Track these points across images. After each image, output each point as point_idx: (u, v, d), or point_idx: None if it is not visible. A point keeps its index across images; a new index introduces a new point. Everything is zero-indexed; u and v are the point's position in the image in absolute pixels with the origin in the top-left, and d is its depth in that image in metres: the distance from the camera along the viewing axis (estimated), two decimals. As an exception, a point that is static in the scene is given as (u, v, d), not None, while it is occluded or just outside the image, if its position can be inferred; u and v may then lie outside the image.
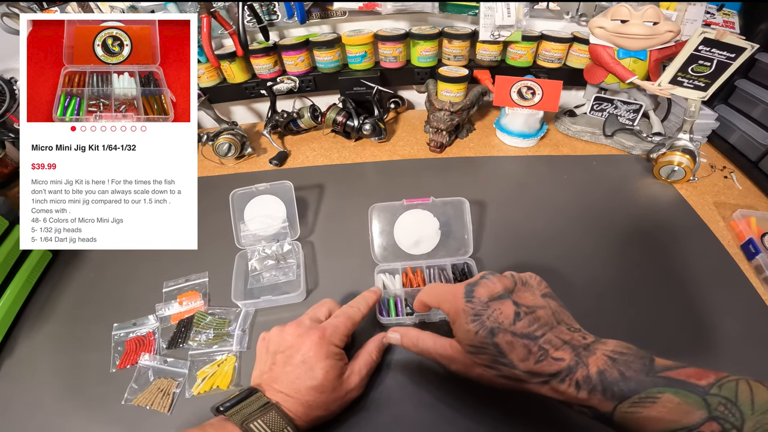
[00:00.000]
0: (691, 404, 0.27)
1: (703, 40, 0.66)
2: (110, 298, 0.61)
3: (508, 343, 0.34)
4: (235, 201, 0.64)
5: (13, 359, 0.54)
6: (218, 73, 0.95)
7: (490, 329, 0.34)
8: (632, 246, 0.64)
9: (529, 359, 0.33)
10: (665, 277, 0.59)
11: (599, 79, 0.83)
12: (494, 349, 0.34)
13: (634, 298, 0.56)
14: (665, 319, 0.53)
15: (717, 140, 0.87)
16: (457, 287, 0.39)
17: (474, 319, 0.35)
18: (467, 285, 0.38)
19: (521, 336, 0.34)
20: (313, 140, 0.96)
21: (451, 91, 0.89)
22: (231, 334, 0.54)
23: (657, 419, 0.28)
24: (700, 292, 0.56)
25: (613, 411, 0.30)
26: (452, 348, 0.39)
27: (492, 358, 0.35)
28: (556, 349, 0.33)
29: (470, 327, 0.35)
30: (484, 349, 0.35)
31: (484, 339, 0.34)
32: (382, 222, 0.60)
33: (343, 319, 0.46)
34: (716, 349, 0.50)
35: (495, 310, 0.35)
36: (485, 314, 0.35)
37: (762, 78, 0.79)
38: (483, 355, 0.35)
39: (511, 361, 0.33)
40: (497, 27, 0.85)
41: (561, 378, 0.32)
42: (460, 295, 0.37)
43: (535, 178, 0.81)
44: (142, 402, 0.47)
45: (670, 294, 0.56)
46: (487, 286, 0.37)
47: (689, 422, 0.27)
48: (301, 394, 0.40)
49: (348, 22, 0.93)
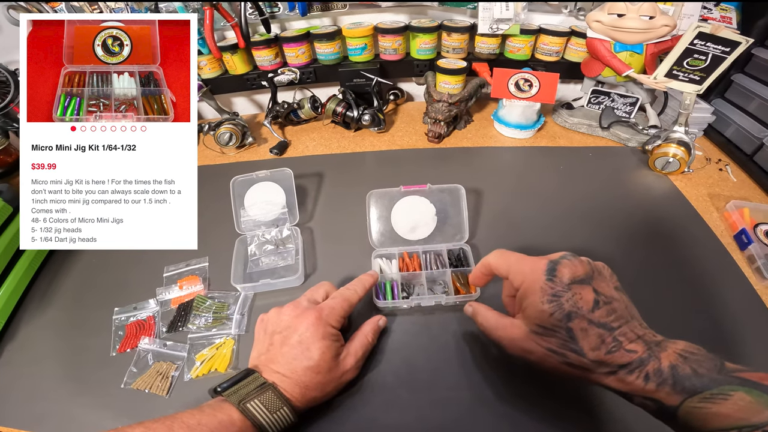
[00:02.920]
0: (763, 404, 0.27)
1: (699, 34, 0.66)
2: (111, 282, 0.62)
3: (582, 330, 0.32)
4: (235, 187, 0.65)
5: (15, 344, 0.54)
6: (220, 64, 0.95)
7: (567, 312, 0.33)
8: (626, 235, 0.64)
9: (601, 349, 0.32)
10: (659, 267, 0.59)
11: (596, 72, 0.84)
12: (566, 334, 0.33)
13: (627, 287, 0.55)
14: (658, 307, 0.53)
15: (713, 133, 0.87)
16: (537, 261, 0.36)
17: (552, 299, 0.33)
18: (550, 261, 0.35)
19: (598, 325, 0.32)
20: (313, 130, 0.97)
21: (450, 83, 0.89)
22: (230, 318, 0.54)
23: (725, 416, 0.28)
24: (693, 282, 0.57)
25: (679, 405, 0.29)
26: (514, 327, 0.37)
27: (561, 343, 0.33)
28: (629, 341, 0.32)
29: (546, 307, 0.33)
30: (555, 333, 0.33)
31: (558, 322, 0.33)
32: (380, 208, 0.61)
33: (339, 301, 0.46)
34: (707, 338, 0.50)
35: (575, 294, 0.33)
36: (564, 296, 0.33)
37: (758, 72, 0.80)
38: (552, 338, 0.34)
39: (581, 348, 0.32)
40: (496, 20, 0.86)
41: (630, 369, 0.31)
42: (540, 270, 0.35)
43: (532, 168, 0.82)
44: (141, 385, 0.48)
45: (663, 283, 0.57)
46: (570, 267, 0.35)
47: (758, 421, 0.27)
48: (297, 375, 0.40)
49: (348, 15, 0.94)
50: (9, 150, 0.79)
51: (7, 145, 0.79)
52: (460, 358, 0.49)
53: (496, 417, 0.43)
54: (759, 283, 0.57)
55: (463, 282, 0.55)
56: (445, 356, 0.49)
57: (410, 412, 0.44)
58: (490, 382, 0.46)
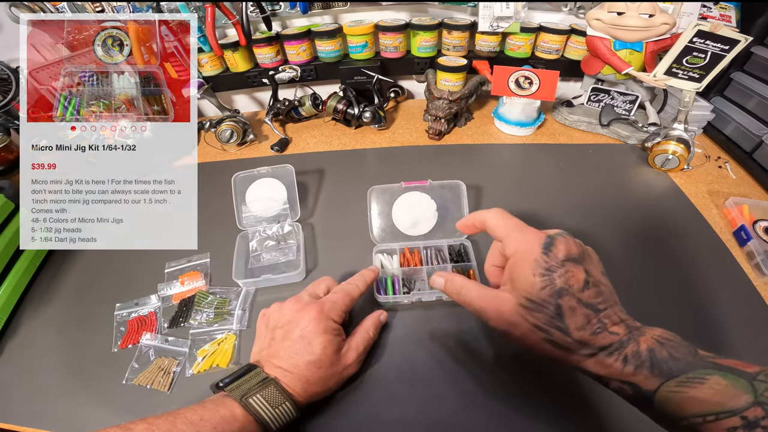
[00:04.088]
0: (739, 388, 0.27)
1: (698, 32, 0.67)
2: (113, 279, 0.62)
3: (570, 308, 0.32)
4: (237, 183, 0.65)
5: (17, 340, 0.54)
6: (221, 62, 0.95)
7: (558, 289, 0.32)
8: (626, 232, 0.65)
9: (586, 329, 0.32)
10: (658, 263, 0.59)
11: (596, 70, 0.84)
12: (554, 311, 0.32)
13: (626, 283, 0.56)
14: (657, 303, 0.54)
15: (712, 131, 0.87)
16: (534, 232, 0.36)
17: (545, 273, 0.33)
18: (548, 236, 0.35)
19: (586, 305, 0.32)
20: (314, 128, 0.97)
21: (450, 81, 0.90)
22: (231, 313, 0.55)
23: (702, 400, 0.28)
24: (693, 278, 0.57)
25: (656, 389, 0.29)
26: (500, 300, 0.35)
27: (547, 319, 0.32)
28: (613, 324, 0.32)
29: (537, 280, 0.33)
30: (543, 308, 0.32)
31: (548, 297, 0.32)
32: (381, 204, 0.61)
33: (341, 295, 0.46)
34: (707, 333, 0.50)
35: (568, 272, 0.33)
36: (558, 272, 0.33)
37: (757, 71, 0.80)
38: (539, 313, 0.33)
39: (567, 327, 0.32)
40: (496, 18, 0.87)
41: (610, 351, 0.31)
42: (537, 241, 0.34)
43: (532, 165, 0.82)
44: (142, 381, 0.48)
45: (662, 279, 0.57)
46: (567, 244, 0.34)
47: (735, 406, 0.27)
48: (299, 369, 0.41)
49: (349, 13, 0.94)
50: (10, 147, 0.79)
51: (8, 143, 0.79)
52: (461, 353, 0.49)
53: (496, 412, 0.43)
54: (758, 279, 0.57)
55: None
56: (446, 351, 0.49)
57: (411, 406, 0.44)
58: (490, 377, 0.46)
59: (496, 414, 0.43)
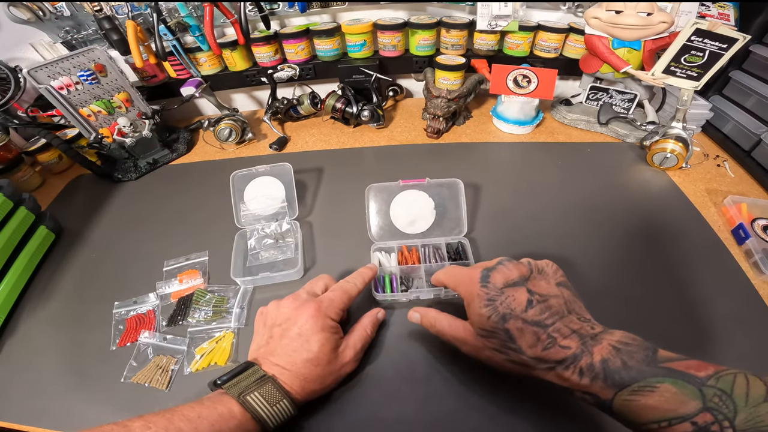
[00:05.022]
0: (688, 394, 0.28)
1: (696, 30, 0.66)
2: (111, 277, 0.62)
3: (518, 330, 0.34)
4: (235, 182, 0.65)
5: (16, 339, 0.54)
6: (220, 61, 0.95)
7: (502, 315, 0.35)
8: (624, 230, 0.65)
9: (537, 346, 0.34)
10: (656, 261, 0.59)
11: (594, 68, 0.84)
12: (504, 335, 0.35)
13: (624, 281, 0.57)
14: (655, 301, 0.54)
15: (711, 130, 0.87)
16: (473, 271, 0.40)
17: (487, 303, 0.36)
18: (483, 270, 0.39)
19: (531, 323, 0.34)
20: (312, 126, 0.97)
21: (449, 79, 0.90)
22: (229, 311, 0.55)
23: (654, 408, 0.29)
24: (690, 276, 0.57)
25: (612, 398, 0.31)
26: (465, 330, 0.40)
27: (501, 343, 0.36)
28: (564, 337, 0.34)
29: (483, 311, 0.36)
30: (495, 334, 0.36)
31: (495, 324, 0.35)
32: (379, 202, 0.62)
33: (339, 293, 0.47)
34: (705, 331, 0.50)
35: (508, 297, 0.36)
36: (499, 300, 0.36)
37: (756, 69, 0.80)
38: (493, 339, 0.36)
39: (520, 347, 0.34)
40: (494, 17, 0.87)
41: (566, 365, 0.33)
42: (476, 279, 0.38)
43: (530, 164, 0.82)
44: (141, 379, 0.48)
45: (660, 277, 0.57)
46: (503, 272, 0.38)
47: (684, 412, 0.28)
48: (297, 367, 0.41)
49: (348, 12, 0.94)
50: (9, 146, 0.79)
51: (7, 142, 0.79)
52: (458, 351, 0.49)
53: (493, 410, 0.43)
54: (756, 277, 0.57)
55: (462, 276, 0.55)
56: (444, 349, 0.49)
57: (409, 404, 0.44)
58: (487, 375, 0.46)
59: (494, 412, 0.43)
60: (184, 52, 0.89)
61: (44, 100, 0.75)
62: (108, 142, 0.79)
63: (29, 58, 0.87)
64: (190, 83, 0.86)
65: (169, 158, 0.88)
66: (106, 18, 0.80)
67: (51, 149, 0.86)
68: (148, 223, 0.72)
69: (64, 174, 0.88)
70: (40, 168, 0.87)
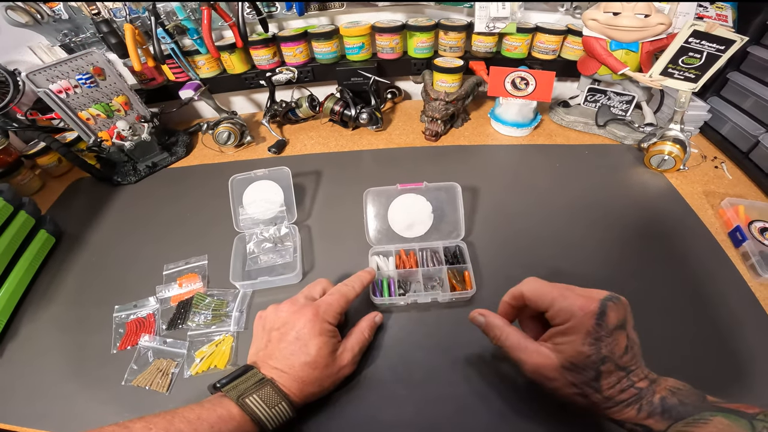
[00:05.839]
0: (740, 427, 0.30)
1: (693, 32, 0.67)
2: (112, 281, 0.62)
3: (608, 371, 0.34)
4: (234, 186, 0.65)
5: (17, 342, 0.55)
6: (218, 64, 0.96)
7: (603, 357, 0.34)
8: (622, 232, 0.65)
9: (615, 387, 0.34)
10: (654, 263, 0.60)
11: (592, 70, 0.84)
12: (594, 375, 0.34)
13: (621, 283, 0.57)
14: (653, 302, 0.54)
15: (709, 131, 0.88)
16: (587, 301, 0.36)
17: (593, 342, 0.34)
18: (601, 303, 0.36)
19: (621, 368, 0.34)
20: (311, 129, 0.97)
21: (447, 82, 0.90)
22: (229, 315, 0.55)
23: None
24: (688, 278, 0.57)
25: (666, 429, 0.32)
26: (542, 357, 0.37)
27: (586, 380, 0.35)
28: (639, 380, 0.35)
29: (585, 349, 0.35)
30: (584, 371, 0.35)
31: (592, 363, 0.34)
32: (377, 206, 0.62)
33: (337, 297, 0.47)
34: (702, 333, 0.51)
35: (614, 340, 0.35)
36: (605, 341, 0.34)
37: (754, 70, 0.80)
38: (579, 374, 0.35)
39: (601, 387, 0.34)
40: (492, 19, 0.87)
41: (628, 403, 0.34)
42: (591, 312, 0.35)
43: (528, 166, 0.82)
44: (141, 382, 0.49)
45: (658, 280, 0.57)
46: (617, 311, 0.36)
47: None
48: (295, 370, 0.41)
49: (346, 14, 0.95)
50: (9, 150, 0.80)
51: (6, 145, 0.79)
52: (455, 354, 0.49)
53: (490, 412, 0.44)
54: (753, 279, 0.57)
55: (459, 279, 0.56)
56: (441, 352, 0.50)
57: (407, 407, 0.45)
58: (484, 378, 0.47)
59: (492, 414, 0.44)
60: (182, 55, 0.89)
61: (43, 103, 0.75)
62: (107, 145, 0.79)
63: (28, 61, 0.87)
64: (188, 86, 0.86)
65: (168, 161, 0.88)
66: (104, 21, 0.80)
67: (50, 152, 0.86)
68: (148, 226, 0.72)
69: (64, 177, 0.89)
70: (40, 171, 0.87)
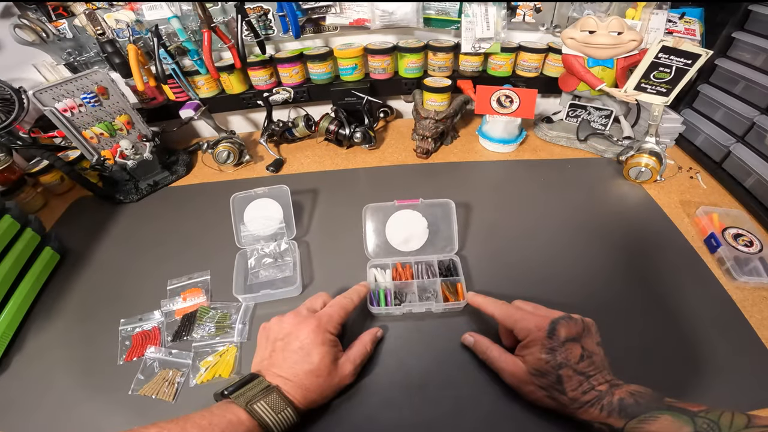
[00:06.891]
0: (682, 422, 0.35)
1: (662, 48, 0.70)
2: (116, 296, 0.64)
3: (568, 376, 0.42)
4: (235, 204, 0.67)
5: (23, 355, 0.56)
6: (217, 84, 0.98)
7: (559, 363, 0.42)
8: (603, 241, 0.68)
9: (578, 390, 0.41)
10: (633, 271, 0.63)
11: (572, 86, 0.88)
12: (555, 378, 0.42)
13: (602, 290, 0.60)
14: (632, 309, 0.57)
15: (684, 143, 0.92)
16: (540, 320, 0.45)
17: (549, 351, 0.43)
18: (552, 321, 0.45)
19: (579, 373, 0.42)
20: (307, 148, 1.00)
21: (436, 101, 0.94)
22: (232, 327, 0.57)
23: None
24: (667, 284, 0.60)
25: (623, 427, 0.38)
26: (515, 365, 0.46)
27: (550, 383, 0.42)
28: (599, 384, 0.41)
29: (543, 356, 0.43)
30: (547, 376, 0.42)
31: (551, 368, 0.42)
32: (375, 221, 0.64)
33: (336, 309, 0.50)
34: (682, 336, 0.54)
35: (567, 349, 0.43)
36: (559, 351, 0.43)
37: (722, 82, 0.84)
38: (543, 379, 0.43)
39: (565, 389, 0.41)
40: (478, 40, 0.91)
41: (592, 403, 0.40)
42: (543, 329, 0.44)
43: (515, 181, 0.85)
44: (148, 392, 0.50)
45: (637, 286, 0.60)
46: (567, 327, 0.44)
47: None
48: (298, 378, 0.43)
49: (339, 37, 0.98)
50: (13, 168, 0.80)
51: (10, 163, 0.80)
52: (448, 360, 0.52)
53: (483, 412, 0.47)
54: (729, 283, 0.60)
55: (452, 291, 0.58)
56: (435, 358, 0.52)
57: (405, 411, 0.47)
58: (476, 381, 0.49)
59: (485, 414, 0.46)
60: (183, 76, 0.92)
61: (45, 121, 0.76)
62: (110, 164, 0.81)
63: (32, 78, 0.88)
64: (188, 106, 0.88)
65: (169, 180, 0.89)
66: (109, 41, 0.82)
67: (53, 171, 0.87)
68: (151, 243, 0.73)
69: (66, 195, 0.89)
70: (42, 189, 0.88)
